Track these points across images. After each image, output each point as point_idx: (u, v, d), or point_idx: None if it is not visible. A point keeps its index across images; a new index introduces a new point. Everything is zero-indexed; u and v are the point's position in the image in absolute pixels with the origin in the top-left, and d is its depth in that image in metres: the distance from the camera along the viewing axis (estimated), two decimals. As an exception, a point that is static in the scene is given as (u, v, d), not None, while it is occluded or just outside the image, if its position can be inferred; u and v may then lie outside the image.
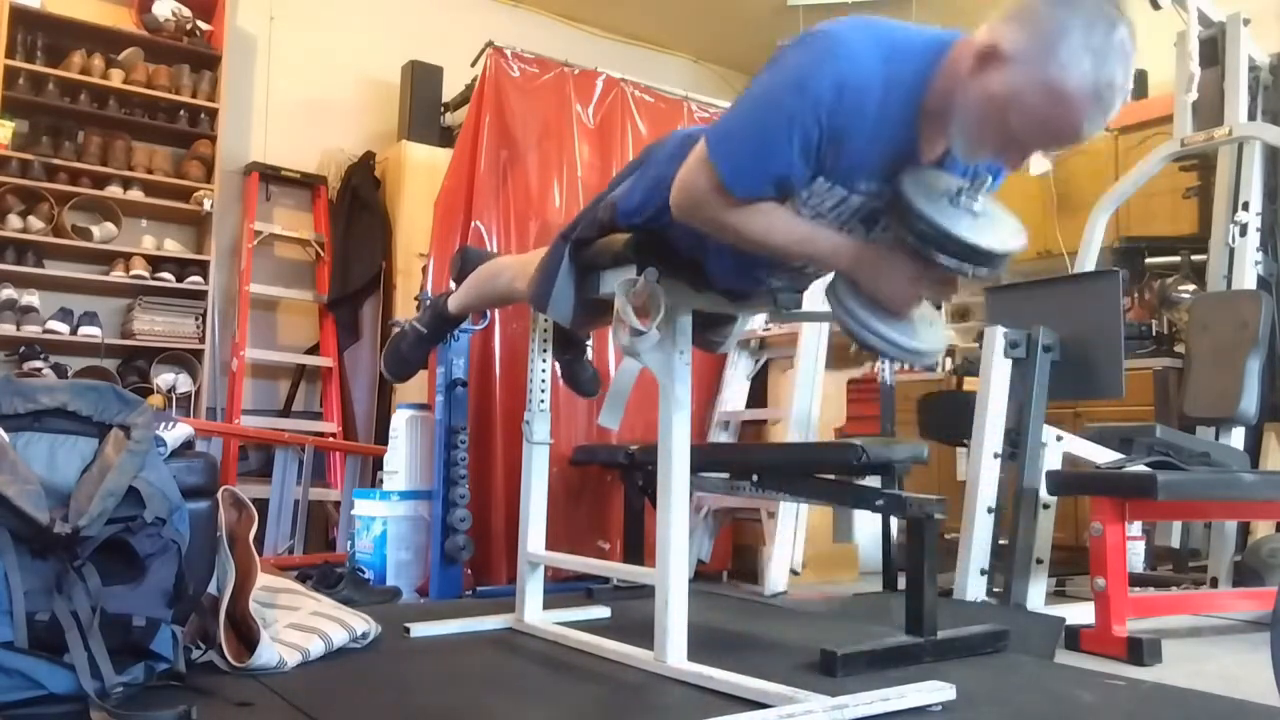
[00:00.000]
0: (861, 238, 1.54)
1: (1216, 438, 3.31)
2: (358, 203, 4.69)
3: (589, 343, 2.44)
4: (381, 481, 3.28)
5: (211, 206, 4.30)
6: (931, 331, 1.54)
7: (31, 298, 4.00)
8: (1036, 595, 2.71)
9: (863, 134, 1.37)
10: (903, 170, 1.43)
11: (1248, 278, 3.62)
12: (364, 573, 3.03)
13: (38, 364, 3.87)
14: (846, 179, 1.44)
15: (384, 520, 3.09)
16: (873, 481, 2.72)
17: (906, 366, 4.55)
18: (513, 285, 2.08)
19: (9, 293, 3.94)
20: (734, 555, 3.89)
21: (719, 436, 3.82)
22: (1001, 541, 2.89)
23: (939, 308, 1.57)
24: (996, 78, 1.29)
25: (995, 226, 1.43)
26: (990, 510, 2.77)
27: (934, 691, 1.70)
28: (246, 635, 1.85)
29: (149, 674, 1.62)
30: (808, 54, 1.37)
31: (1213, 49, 3.88)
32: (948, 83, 1.36)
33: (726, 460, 3.08)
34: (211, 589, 1.95)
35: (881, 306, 1.47)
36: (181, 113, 4.35)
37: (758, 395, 3.93)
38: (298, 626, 1.98)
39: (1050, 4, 1.27)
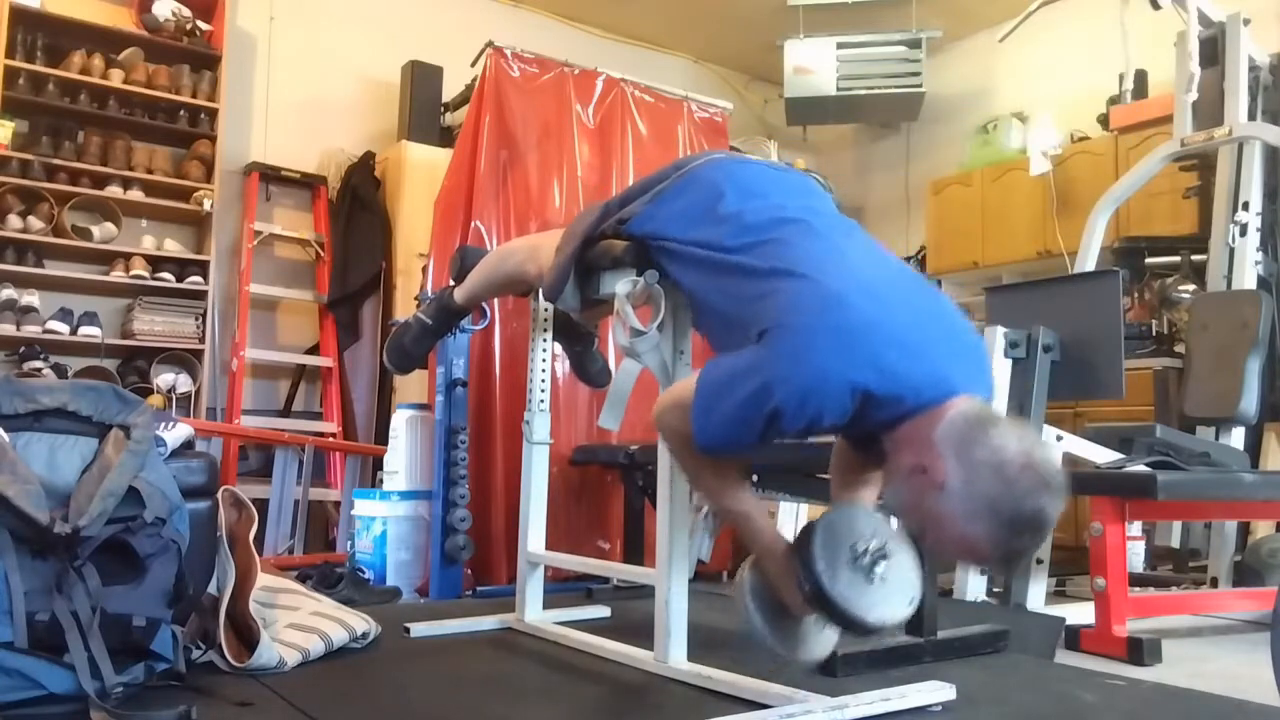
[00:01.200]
0: (788, 548, 1.57)
1: (1216, 438, 3.31)
2: (358, 203, 4.68)
3: (596, 334, 2.44)
4: (381, 481, 3.28)
5: (211, 206, 4.30)
6: (818, 640, 1.59)
7: (31, 298, 4.00)
8: (1036, 595, 2.71)
9: (822, 431, 1.45)
10: (832, 505, 1.52)
11: (1248, 278, 3.62)
12: (364, 573, 3.03)
13: (38, 364, 3.87)
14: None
15: (384, 520, 3.09)
16: (873, 481, 2.71)
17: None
18: (523, 268, 2.08)
19: (9, 293, 3.94)
20: (734, 555, 3.89)
21: (719, 436, 3.82)
22: (1001, 541, 2.88)
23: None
24: (927, 495, 1.33)
25: (887, 594, 1.45)
26: (990, 510, 2.77)
27: (934, 691, 1.70)
28: (246, 635, 1.85)
29: (149, 674, 1.62)
30: (793, 374, 1.36)
31: (1213, 49, 3.88)
32: (901, 447, 1.38)
33: (726, 460, 3.07)
34: (211, 589, 1.95)
35: (780, 601, 1.54)
36: (181, 113, 4.35)
37: (758, 395, 3.93)
38: (298, 626, 1.98)
39: (990, 466, 1.29)
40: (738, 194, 1.65)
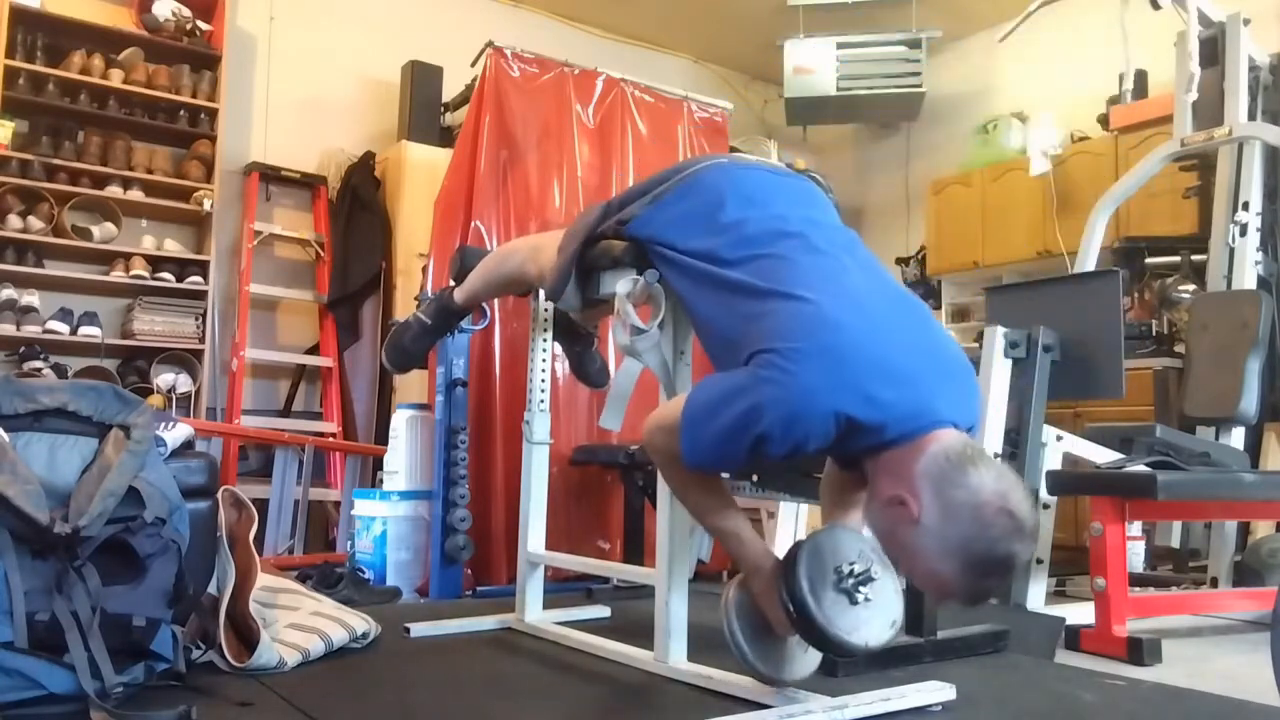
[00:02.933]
0: (776, 565, 1.58)
1: (1216, 438, 3.31)
2: (358, 203, 4.68)
3: (595, 334, 2.44)
4: (381, 481, 3.28)
5: (211, 206, 4.30)
6: (802, 661, 1.64)
7: (31, 298, 4.00)
8: (1036, 595, 2.71)
9: (806, 455, 1.46)
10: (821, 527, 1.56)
11: (1248, 278, 3.62)
12: (364, 573, 3.03)
13: (38, 364, 3.87)
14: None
15: (384, 520, 3.09)
16: (873, 481, 2.71)
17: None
18: (523, 268, 2.07)
19: (9, 293, 3.94)
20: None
21: (719, 436, 3.82)
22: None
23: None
24: (903, 527, 1.36)
25: (870, 617, 1.47)
26: (990, 510, 2.77)
27: (934, 691, 1.70)
28: (246, 635, 1.85)
29: (149, 674, 1.62)
30: (780, 399, 1.36)
31: (1213, 49, 3.88)
32: (882, 473, 1.40)
33: (726, 460, 3.08)
34: (211, 589, 1.95)
35: (764, 621, 1.58)
36: (181, 113, 4.35)
37: (758, 395, 3.93)
38: (298, 626, 1.97)
39: (966, 508, 1.31)
40: (739, 202, 1.64)
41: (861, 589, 1.46)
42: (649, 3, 5.56)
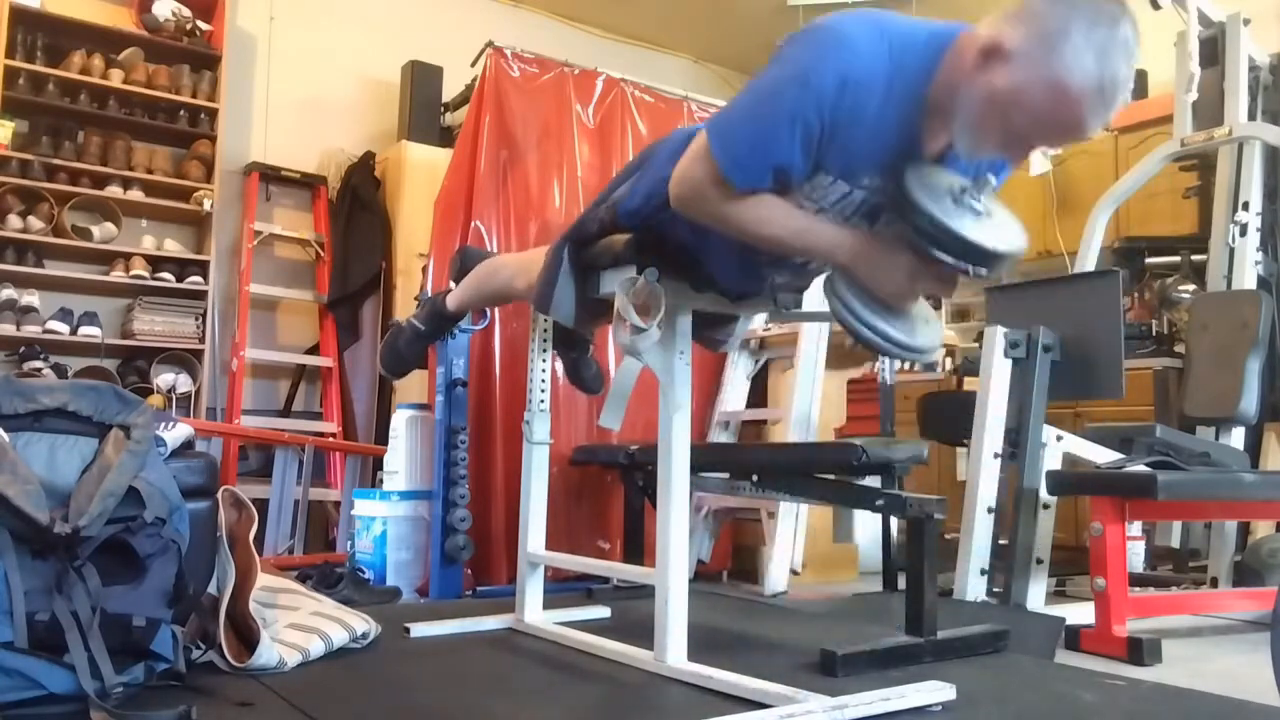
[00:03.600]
0: (864, 232, 1.54)
1: (1216, 438, 3.31)
2: (358, 203, 4.69)
3: (592, 340, 2.44)
4: (381, 481, 3.28)
5: (211, 206, 4.30)
6: (929, 329, 1.55)
7: (31, 298, 4.00)
8: (1036, 595, 2.71)
9: (865, 128, 1.38)
10: (905, 165, 1.43)
11: (1248, 278, 3.62)
12: (364, 573, 3.03)
13: (38, 364, 3.87)
14: (848, 173, 1.45)
15: (384, 520, 3.09)
16: (873, 481, 2.72)
17: (907, 366, 4.55)
18: (511, 283, 2.08)
19: (9, 293, 3.94)
20: (734, 555, 3.89)
21: (719, 436, 3.82)
22: (1001, 541, 2.89)
23: (938, 306, 1.57)
24: (999, 75, 1.30)
25: (997, 227, 1.43)
26: (990, 510, 2.77)
27: (934, 691, 1.70)
28: (246, 635, 1.85)
29: (149, 674, 1.62)
30: (811, 47, 1.38)
31: (1213, 49, 3.88)
32: (951, 77, 1.36)
33: (726, 460, 3.08)
34: (211, 589, 1.95)
35: (879, 302, 1.47)
36: (181, 113, 4.35)
37: (758, 395, 3.93)
38: (298, 626, 1.98)
39: (1053, 2, 1.28)
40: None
41: (977, 201, 1.40)
42: (649, 3, 5.56)
